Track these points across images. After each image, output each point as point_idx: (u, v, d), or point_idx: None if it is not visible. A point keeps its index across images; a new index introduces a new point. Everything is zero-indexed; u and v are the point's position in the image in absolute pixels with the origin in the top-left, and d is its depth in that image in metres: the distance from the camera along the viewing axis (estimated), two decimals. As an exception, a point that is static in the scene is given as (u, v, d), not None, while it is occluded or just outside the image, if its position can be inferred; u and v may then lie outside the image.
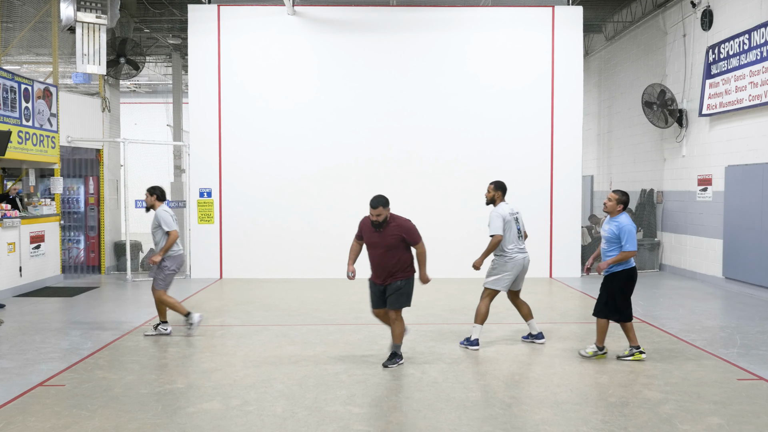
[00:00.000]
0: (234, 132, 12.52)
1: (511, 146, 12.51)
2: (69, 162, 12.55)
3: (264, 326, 8.15)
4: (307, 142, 12.51)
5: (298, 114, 12.54)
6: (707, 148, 11.87)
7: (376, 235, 6.20)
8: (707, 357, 6.63)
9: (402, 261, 6.21)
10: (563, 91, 12.57)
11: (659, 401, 5.27)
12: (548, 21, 12.53)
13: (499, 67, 12.60)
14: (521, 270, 7.04)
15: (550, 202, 12.59)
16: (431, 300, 9.98)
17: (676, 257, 13.10)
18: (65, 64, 13.17)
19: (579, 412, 5.06)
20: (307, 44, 12.58)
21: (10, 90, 10.23)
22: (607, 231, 6.43)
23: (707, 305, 9.68)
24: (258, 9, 12.54)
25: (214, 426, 4.75)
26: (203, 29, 12.49)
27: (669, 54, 13.32)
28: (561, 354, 6.79)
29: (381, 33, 12.57)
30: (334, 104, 12.54)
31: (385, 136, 12.53)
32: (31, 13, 12.08)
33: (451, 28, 12.58)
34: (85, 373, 6.03)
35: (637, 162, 14.88)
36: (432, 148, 12.54)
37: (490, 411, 5.09)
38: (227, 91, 12.52)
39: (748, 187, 10.53)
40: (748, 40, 10.41)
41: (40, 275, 11.22)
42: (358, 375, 6.01)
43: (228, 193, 12.53)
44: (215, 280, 12.24)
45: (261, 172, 12.50)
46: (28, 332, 7.73)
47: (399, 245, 6.19)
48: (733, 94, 10.78)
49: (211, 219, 12.52)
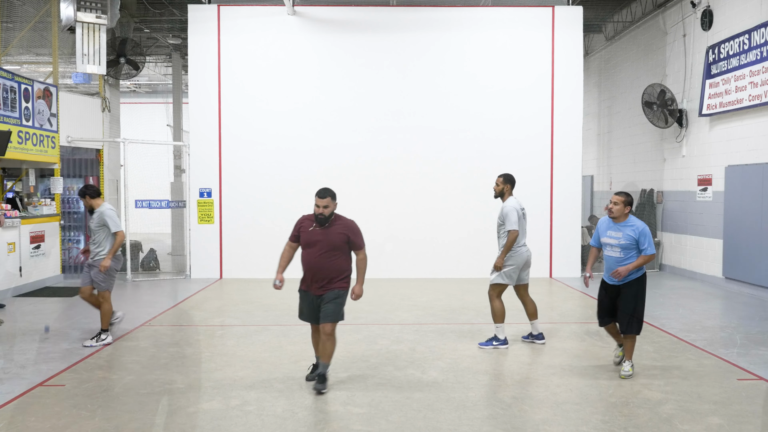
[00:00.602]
0: (234, 132, 12.52)
1: (511, 146, 12.50)
2: (69, 162, 12.55)
3: (264, 326, 8.14)
4: (307, 142, 12.51)
5: (298, 114, 12.54)
6: (707, 148, 11.87)
7: (319, 233, 5.48)
8: (707, 357, 6.62)
9: (342, 268, 5.51)
10: (563, 91, 12.57)
11: (659, 401, 5.27)
12: (548, 21, 12.53)
13: (499, 67, 12.60)
14: (524, 263, 7.01)
15: (550, 202, 12.59)
16: (431, 300, 9.98)
17: (676, 257, 13.10)
18: (65, 64, 13.18)
19: (579, 412, 5.06)
20: (307, 44, 12.58)
21: (10, 90, 10.23)
22: (622, 238, 5.82)
23: (707, 305, 9.68)
24: (258, 9, 12.54)
25: (214, 426, 4.75)
26: (203, 29, 12.49)
27: (669, 54, 13.32)
28: (561, 354, 6.79)
29: (381, 33, 12.57)
30: (334, 104, 12.54)
31: (384, 136, 12.53)
32: (31, 13, 12.08)
33: (450, 28, 12.58)
34: (85, 373, 6.03)
35: (637, 162, 14.88)
36: (432, 149, 12.54)
37: (490, 411, 5.09)
38: (227, 91, 12.52)
39: (748, 187, 10.53)
40: (748, 40, 10.41)
41: (40, 275, 11.22)
42: (358, 375, 6.01)
43: (228, 193, 12.53)
44: (215, 280, 12.24)
45: (261, 172, 12.50)
46: (28, 332, 7.72)
47: (343, 247, 5.51)
48: (733, 94, 10.78)
49: (211, 219, 12.52)
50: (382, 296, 10.22)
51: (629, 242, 5.80)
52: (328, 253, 5.44)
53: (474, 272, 12.04)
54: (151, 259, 13.20)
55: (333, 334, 5.49)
